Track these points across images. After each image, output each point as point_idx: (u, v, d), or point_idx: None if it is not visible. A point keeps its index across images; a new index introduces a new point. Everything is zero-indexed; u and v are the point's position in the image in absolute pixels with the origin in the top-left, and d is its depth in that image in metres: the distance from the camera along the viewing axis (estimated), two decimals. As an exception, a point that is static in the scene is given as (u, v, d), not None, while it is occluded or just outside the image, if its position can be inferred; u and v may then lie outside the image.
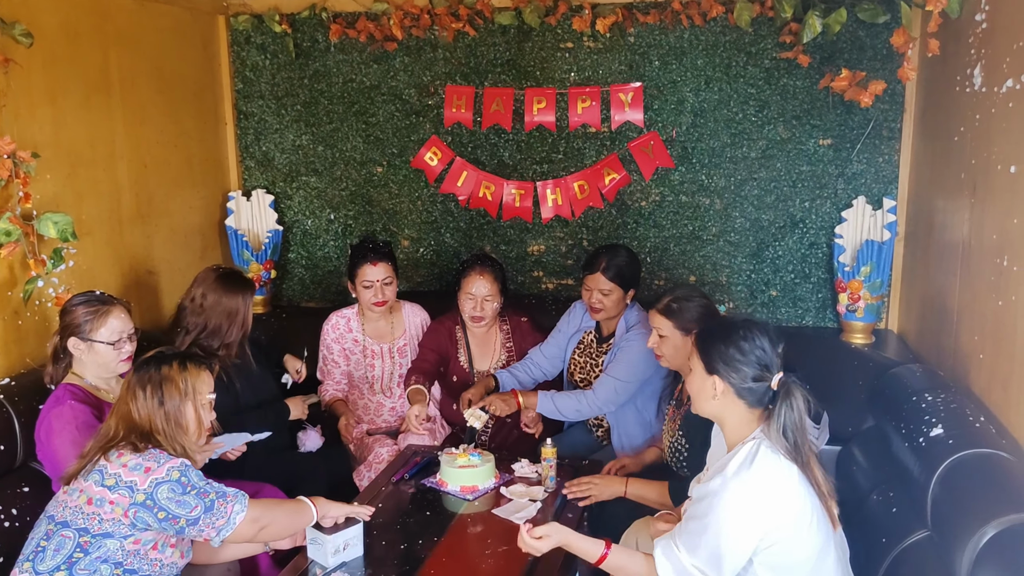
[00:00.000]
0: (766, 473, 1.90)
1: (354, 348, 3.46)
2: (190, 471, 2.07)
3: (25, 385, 2.68)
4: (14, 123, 2.78)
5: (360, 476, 3.20)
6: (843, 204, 3.63)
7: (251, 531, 2.11)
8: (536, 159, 3.94)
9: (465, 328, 3.41)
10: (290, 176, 4.20)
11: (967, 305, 2.70)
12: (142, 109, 3.49)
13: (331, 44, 4.01)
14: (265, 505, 2.19)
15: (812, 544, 1.93)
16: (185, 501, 2.02)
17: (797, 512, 1.90)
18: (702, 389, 2.04)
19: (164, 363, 2.17)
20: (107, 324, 2.57)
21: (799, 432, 1.92)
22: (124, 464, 2.02)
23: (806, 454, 1.94)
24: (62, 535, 2.02)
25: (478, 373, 3.40)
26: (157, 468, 2.02)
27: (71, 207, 3.03)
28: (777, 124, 3.67)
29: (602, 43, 3.77)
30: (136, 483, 2.00)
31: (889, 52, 3.45)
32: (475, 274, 3.28)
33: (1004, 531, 1.81)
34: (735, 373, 1.97)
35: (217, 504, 2.06)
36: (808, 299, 3.78)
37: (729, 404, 2.01)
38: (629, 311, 3.19)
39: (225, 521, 2.06)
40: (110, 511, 2.00)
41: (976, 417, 2.35)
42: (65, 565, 2.00)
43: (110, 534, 2.01)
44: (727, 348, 1.98)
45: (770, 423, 1.94)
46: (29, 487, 2.57)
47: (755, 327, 2.00)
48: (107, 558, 2.02)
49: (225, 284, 2.98)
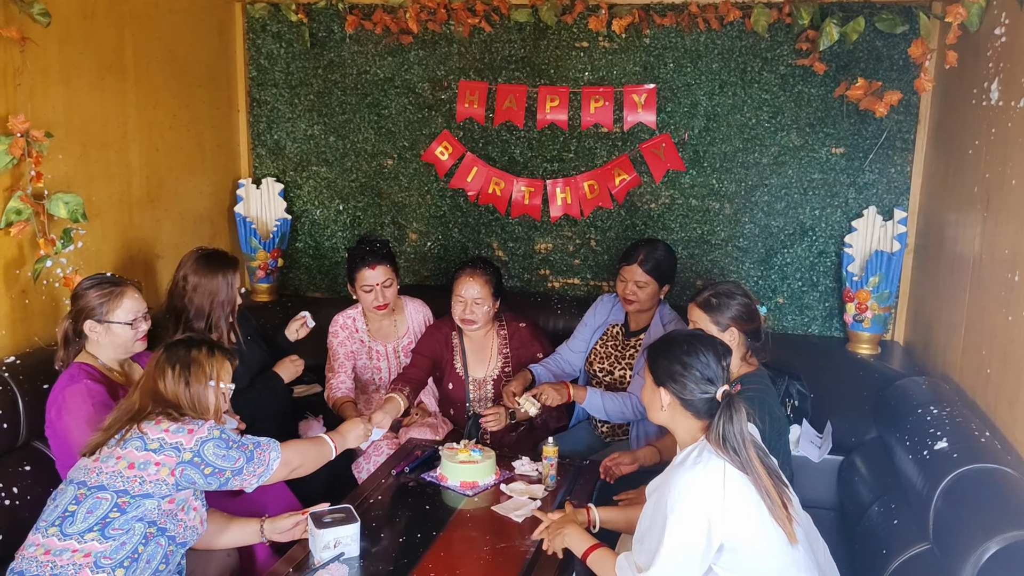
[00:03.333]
0: (711, 467, 1.96)
1: (360, 350, 3.44)
2: (225, 430, 2.21)
3: (31, 364, 2.68)
4: (28, 102, 2.78)
5: (359, 468, 3.19)
6: (854, 213, 3.62)
7: (284, 472, 2.32)
8: (547, 157, 3.93)
9: (462, 333, 3.35)
10: (300, 165, 4.20)
11: (976, 319, 2.69)
12: (155, 92, 3.49)
13: (347, 35, 4.01)
14: (294, 447, 2.36)
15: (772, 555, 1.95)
16: (229, 455, 2.17)
17: (747, 512, 1.94)
18: (651, 400, 2.14)
19: (194, 347, 2.27)
20: (123, 305, 2.57)
21: (740, 443, 1.98)
22: (166, 429, 2.12)
23: (752, 465, 1.97)
24: (97, 497, 2.07)
25: (473, 380, 3.35)
26: (199, 429, 2.14)
27: (82, 188, 3.03)
28: (790, 131, 3.66)
29: (617, 43, 3.76)
30: (182, 443, 2.10)
31: (906, 63, 3.44)
32: (465, 276, 3.21)
33: (1007, 547, 1.80)
34: (679, 386, 2.05)
35: (256, 454, 2.23)
36: (815, 308, 3.77)
37: (677, 415, 2.09)
38: (663, 309, 3.20)
39: (264, 468, 2.24)
40: (155, 472, 2.08)
41: (981, 432, 2.34)
42: (98, 526, 2.05)
43: (150, 494, 2.09)
44: (671, 363, 2.06)
45: (709, 432, 2.01)
46: (31, 466, 2.57)
47: (700, 341, 2.08)
48: (142, 517, 2.08)
49: (205, 265, 2.93)
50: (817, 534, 2.19)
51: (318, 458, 2.44)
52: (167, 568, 2.16)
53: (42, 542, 2.06)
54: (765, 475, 1.98)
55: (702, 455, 1.99)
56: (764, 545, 1.95)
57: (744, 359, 2.61)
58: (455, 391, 3.36)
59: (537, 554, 2.26)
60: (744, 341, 2.59)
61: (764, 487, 1.96)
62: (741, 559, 1.96)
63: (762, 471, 1.98)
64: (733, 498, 1.93)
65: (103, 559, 2.04)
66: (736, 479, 1.95)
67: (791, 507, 2.01)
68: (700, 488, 1.94)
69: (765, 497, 1.95)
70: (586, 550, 2.18)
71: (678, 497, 1.94)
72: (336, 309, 3.51)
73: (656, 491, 2.05)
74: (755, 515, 1.95)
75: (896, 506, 2.51)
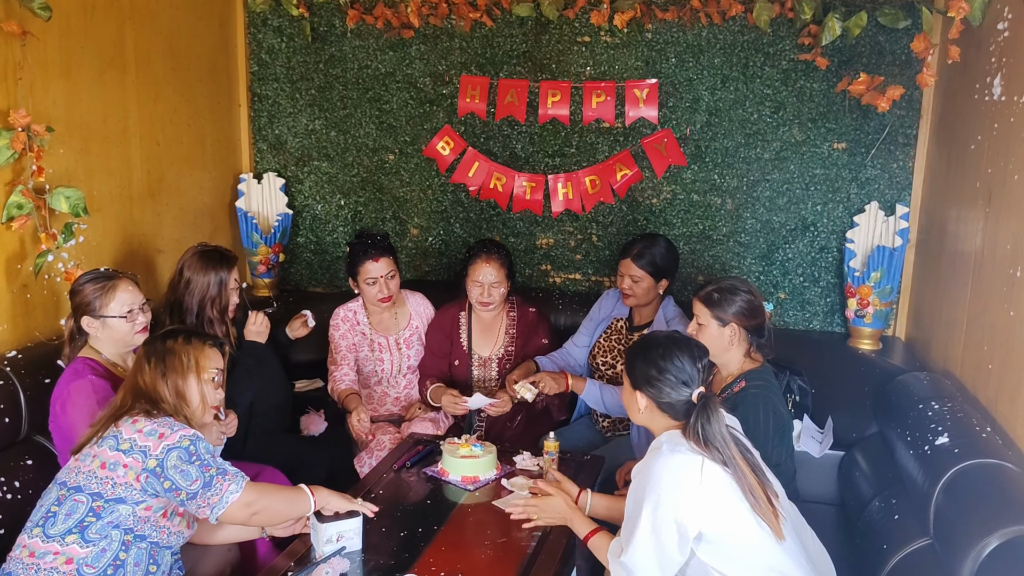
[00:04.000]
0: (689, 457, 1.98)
1: (362, 342, 3.44)
2: (200, 442, 2.08)
3: (32, 359, 2.68)
4: (29, 96, 2.77)
5: (361, 462, 3.20)
6: (855, 209, 3.61)
7: (243, 515, 2.10)
8: (548, 152, 3.92)
9: (471, 312, 3.41)
10: (302, 160, 4.19)
11: (977, 315, 2.69)
12: (156, 87, 3.48)
13: (348, 29, 4.00)
14: (262, 490, 2.16)
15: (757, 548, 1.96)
16: (188, 472, 2.03)
17: (726, 505, 1.95)
18: (630, 403, 2.17)
19: (169, 337, 2.23)
20: (116, 298, 2.56)
21: (723, 443, 2.00)
22: (139, 430, 2.04)
23: (735, 462, 1.99)
24: (75, 499, 2.03)
25: (478, 357, 3.39)
26: (171, 434, 2.04)
27: (82, 182, 3.03)
28: (792, 126, 3.65)
29: (619, 38, 3.76)
30: (149, 448, 2.02)
31: (908, 57, 3.43)
32: (482, 261, 3.27)
33: (1008, 542, 1.80)
34: (655, 390, 2.08)
35: (215, 481, 2.05)
36: (816, 303, 3.77)
37: (655, 416, 2.12)
38: (666, 305, 3.20)
39: (219, 499, 2.05)
40: (123, 475, 2.02)
41: (983, 427, 2.34)
42: (77, 529, 2.01)
43: (122, 499, 2.03)
44: (647, 367, 2.09)
45: (687, 431, 2.03)
46: (32, 460, 2.58)
47: (674, 345, 2.10)
48: (118, 523, 2.03)
49: (200, 261, 2.95)
50: (804, 523, 2.20)
51: (289, 508, 2.20)
52: (159, 569, 2.11)
53: (27, 543, 2.03)
54: (749, 472, 2.00)
55: (678, 448, 2.01)
56: (747, 538, 1.96)
57: (748, 355, 2.61)
58: (459, 368, 3.40)
59: (538, 548, 2.26)
60: (746, 337, 2.59)
61: (748, 484, 1.98)
62: (722, 549, 1.97)
63: (745, 468, 2.00)
64: (710, 489, 1.95)
65: (85, 567, 1.99)
66: (714, 472, 1.97)
67: (776, 502, 2.02)
68: (675, 477, 1.97)
69: (748, 494, 1.97)
70: (588, 533, 2.25)
71: (655, 483, 1.97)
72: (337, 303, 3.52)
73: (638, 475, 2.08)
74: (736, 509, 1.96)
75: (897, 501, 2.51)
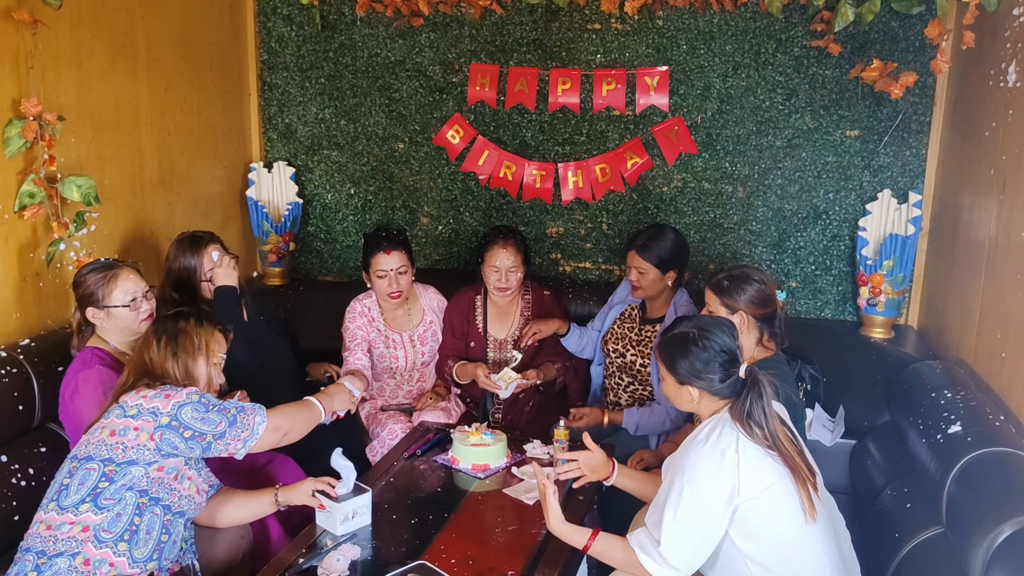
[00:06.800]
0: (725, 437, 1.98)
1: (377, 338, 3.44)
2: (207, 395, 2.17)
3: (45, 347, 2.70)
4: (40, 85, 2.78)
5: (373, 452, 3.21)
6: (868, 197, 3.59)
7: (274, 439, 2.25)
8: (558, 140, 3.91)
9: (487, 297, 3.44)
10: (312, 149, 4.19)
11: (991, 303, 2.67)
12: (167, 75, 3.49)
13: (357, 18, 3.99)
14: (283, 412, 2.30)
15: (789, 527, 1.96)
16: (209, 418, 2.12)
17: (762, 481, 1.94)
18: (678, 397, 2.14)
19: (181, 318, 2.28)
20: (118, 287, 2.57)
21: (764, 418, 1.99)
22: (144, 396, 2.10)
23: (779, 439, 1.99)
24: (86, 468, 2.06)
25: (493, 339, 3.42)
26: (176, 394, 2.12)
27: (94, 171, 3.04)
28: (804, 113, 3.63)
29: (630, 25, 3.73)
30: (159, 408, 2.08)
31: (922, 44, 3.40)
32: (498, 247, 3.29)
33: (1020, 531, 1.79)
34: (704, 380, 2.06)
35: (240, 418, 2.17)
36: (828, 291, 3.75)
37: (707, 402, 2.10)
38: (679, 298, 3.19)
39: (249, 432, 2.17)
40: (134, 437, 2.06)
41: (996, 416, 2.32)
42: (90, 497, 2.04)
43: (134, 461, 2.06)
44: (691, 361, 2.07)
45: (733, 409, 2.02)
46: (46, 447, 2.60)
47: (707, 330, 2.08)
48: (132, 485, 2.06)
49: (179, 246, 2.96)
50: (840, 517, 2.19)
51: (307, 421, 2.38)
52: (170, 539, 2.13)
53: (44, 518, 2.06)
54: (794, 452, 1.99)
55: (716, 430, 2.01)
56: (780, 516, 1.96)
57: (761, 343, 2.60)
58: (475, 349, 3.43)
59: (548, 536, 2.26)
60: (756, 325, 2.58)
61: (791, 463, 1.97)
62: (755, 528, 1.96)
63: (790, 447, 1.99)
64: (747, 466, 1.94)
65: (103, 533, 2.02)
66: (750, 449, 1.96)
67: (814, 482, 2.02)
68: (716, 456, 1.96)
69: (788, 472, 1.96)
70: (587, 541, 2.09)
71: (695, 465, 1.96)
72: (347, 293, 3.52)
73: (671, 468, 2.06)
74: (772, 486, 1.95)
75: (909, 490, 2.50)
